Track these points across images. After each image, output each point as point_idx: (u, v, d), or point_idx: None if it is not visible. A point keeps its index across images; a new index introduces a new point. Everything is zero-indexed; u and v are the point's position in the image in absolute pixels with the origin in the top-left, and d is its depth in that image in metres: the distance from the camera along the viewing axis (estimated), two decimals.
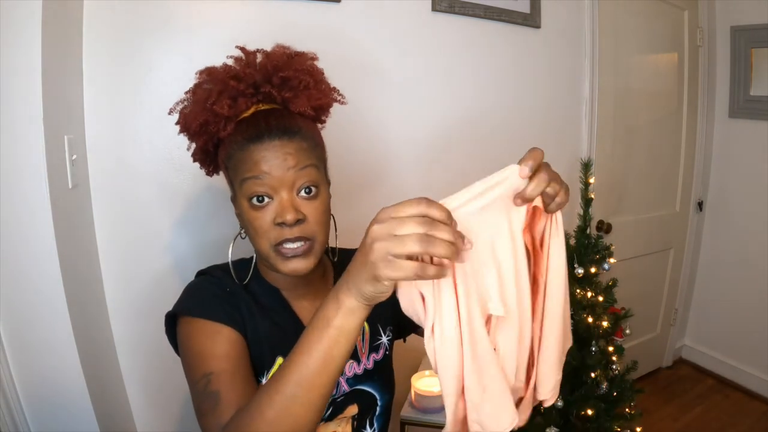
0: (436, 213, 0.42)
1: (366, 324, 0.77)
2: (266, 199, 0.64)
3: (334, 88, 0.76)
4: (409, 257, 0.42)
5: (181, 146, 1.10)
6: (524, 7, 1.56)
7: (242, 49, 0.71)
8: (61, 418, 0.91)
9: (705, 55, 2.19)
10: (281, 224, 0.63)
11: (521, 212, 0.50)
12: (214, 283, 0.70)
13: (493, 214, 0.49)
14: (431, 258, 0.44)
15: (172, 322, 0.69)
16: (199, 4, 1.08)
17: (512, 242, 0.50)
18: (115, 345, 1.10)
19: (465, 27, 1.46)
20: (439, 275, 0.43)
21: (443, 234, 0.42)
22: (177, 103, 0.73)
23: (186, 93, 0.72)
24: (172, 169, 1.11)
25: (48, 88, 0.83)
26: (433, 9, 1.39)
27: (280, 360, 0.67)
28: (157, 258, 1.12)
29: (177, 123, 0.73)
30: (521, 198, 0.49)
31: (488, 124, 1.57)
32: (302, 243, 0.64)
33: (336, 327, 0.47)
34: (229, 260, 0.72)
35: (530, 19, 1.58)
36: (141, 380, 1.14)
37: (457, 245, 0.43)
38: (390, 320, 0.80)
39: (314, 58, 0.73)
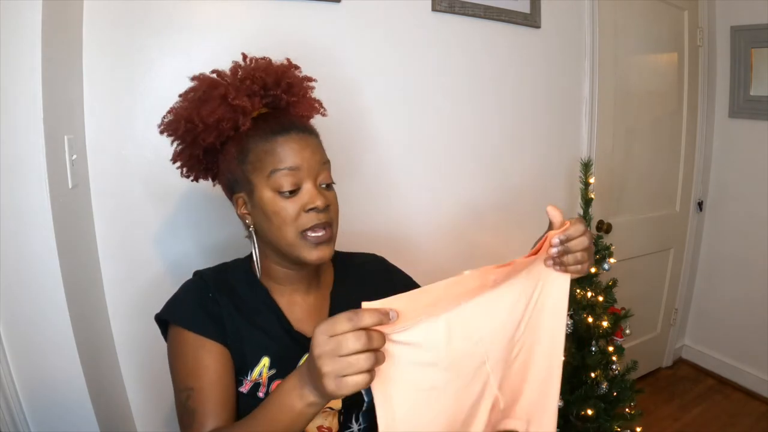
0: (368, 320, 0.47)
1: None
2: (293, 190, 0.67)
3: (318, 100, 0.81)
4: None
5: None
6: (524, 7, 1.56)
7: (245, 56, 0.74)
8: (61, 418, 0.90)
9: (705, 55, 2.19)
10: (311, 210, 0.67)
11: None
12: (202, 289, 0.72)
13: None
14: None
15: (163, 322, 0.73)
16: (199, 4, 1.08)
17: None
18: (115, 345, 1.10)
19: (465, 27, 1.46)
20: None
21: (379, 343, 0.47)
22: (171, 109, 0.73)
23: (180, 96, 0.73)
24: (172, 169, 1.11)
25: (48, 88, 0.83)
26: (433, 9, 1.39)
27: (265, 360, 0.70)
28: (157, 258, 1.12)
29: (164, 127, 0.74)
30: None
31: (487, 123, 1.57)
32: (326, 230, 0.69)
33: (297, 413, 0.53)
34: (255, 257, 0.74)
35: (530, 19, 1.58)
36: (141, 380, 1.14)
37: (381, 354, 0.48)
38: None
39: (309, 79, 0.78)
